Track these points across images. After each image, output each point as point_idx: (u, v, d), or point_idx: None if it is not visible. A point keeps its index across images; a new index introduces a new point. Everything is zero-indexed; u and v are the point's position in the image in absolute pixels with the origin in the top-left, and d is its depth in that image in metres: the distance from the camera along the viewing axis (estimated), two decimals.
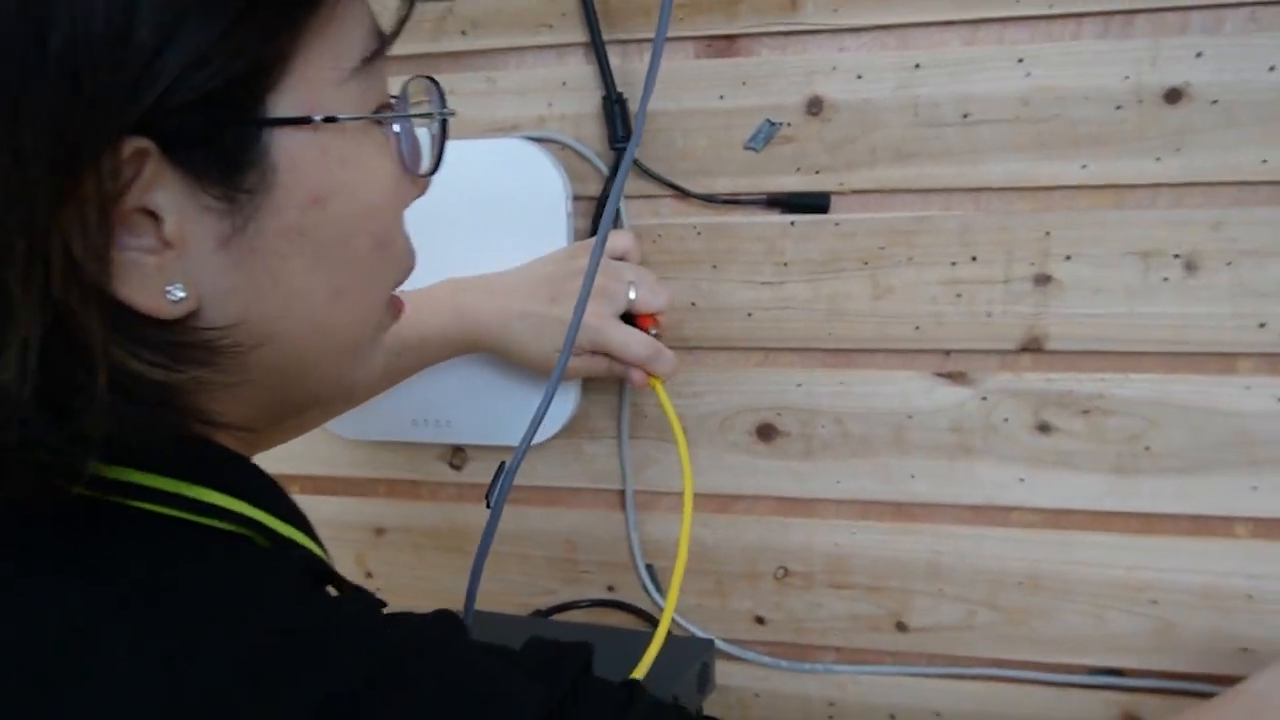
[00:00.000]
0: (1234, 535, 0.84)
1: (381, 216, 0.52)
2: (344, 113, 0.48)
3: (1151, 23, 0.80)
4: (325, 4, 0.48)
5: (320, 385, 0.54)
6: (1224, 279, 0.81)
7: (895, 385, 0.88)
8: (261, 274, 0.48)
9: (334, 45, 0.48)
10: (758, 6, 0.86)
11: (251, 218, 0.47)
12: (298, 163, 0.47)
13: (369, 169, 0.51)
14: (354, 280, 0.51)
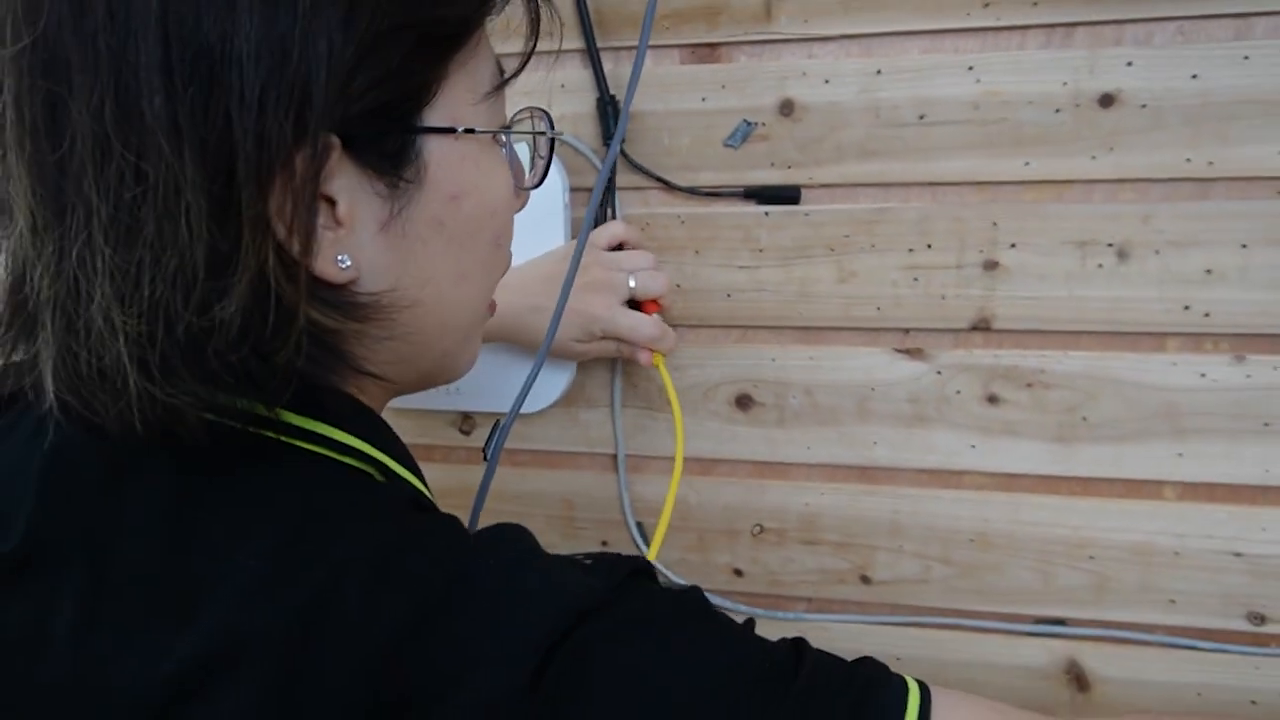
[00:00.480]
0: (1163, 498, 0.93)
1: (501, 217, 0.64)
2: (479, 127, 0.60)
3: (1089, 35, 0.88)
4: (467, 45, 0.59)
5: (441, 356, 0.65)
6: (1153, 266, 0.90)
7: (859, 360, 0.97)
8: (407, 253, 0.59)
9: (472, 75, 0.60)
10: (736, 17, 0.95)
11: (405, 206, 0.58)
12: (443, 164, 0.59)
13: (494, 176, 0.63)
14: (474, 268, 0.63)
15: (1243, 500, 0.91)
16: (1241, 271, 0.88)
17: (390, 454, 0.61)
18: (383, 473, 0.61)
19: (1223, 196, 0.88)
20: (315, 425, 0.58)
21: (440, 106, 0.58)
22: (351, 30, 0.52)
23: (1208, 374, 0.90)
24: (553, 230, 0.99)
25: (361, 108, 0.54)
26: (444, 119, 0.59)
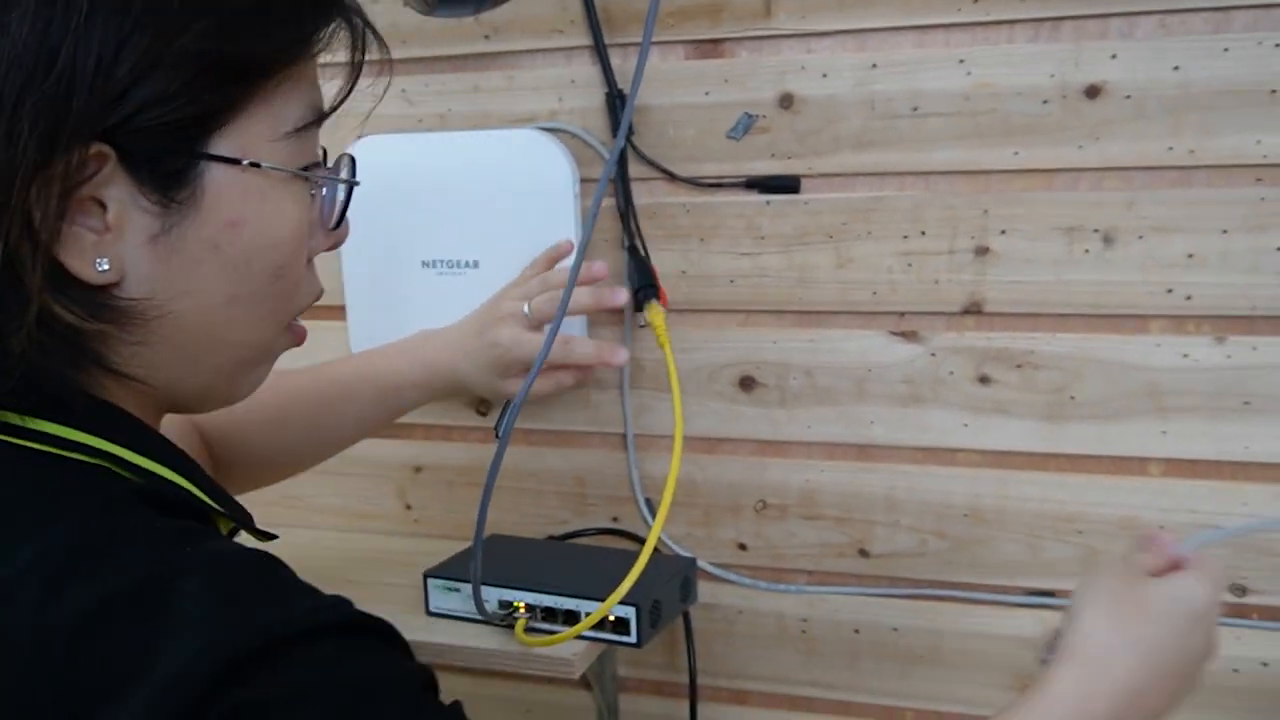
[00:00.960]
0: (1147, 474, 0.97)
1: (282, 250, 0.64)
2: (269, 163, 0.62)
3: (1075, 29, 0.92)
4: (266, 85, 0.61)
5: (215, 372, 0.66)
6: (1136, 251, 0.93)
7: (856, 343, 1.02)
8: (177, 269, 0.60)
9: (275, 111, 0.62)
10: (737, 14, 0.99)
11: (177, 225, 0.59)
12: (223, 192, 0.60)
13: (281, 211, 0.64)
14: (247, 293, 0.63)
15: (1224, 476, 0.95)
16: (1222, 256, 0.91)
17: (140, 450, 0.61)
18: (126, 468, 0.60)
19: (1204, 184, 0.91)
20: (39, 424, 0.59)
21: (231, 136, 0.60)
22: (128, 49, 0.55)
23: (1190, 354, 0.94)
24: (564, 219, 1.04)
25: (140, 124, 0.56)
26: (232, 149, 0.60)
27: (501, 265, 1.05)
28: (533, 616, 0.91)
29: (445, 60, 1.09)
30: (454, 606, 0.95)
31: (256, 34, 0.60)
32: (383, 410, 1.03)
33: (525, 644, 0.89)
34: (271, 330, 0.68)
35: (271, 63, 0.61)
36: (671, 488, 0.93)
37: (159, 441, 0.64)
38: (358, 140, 1.10)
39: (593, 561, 0.98)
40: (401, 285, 1.09)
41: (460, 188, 1.06)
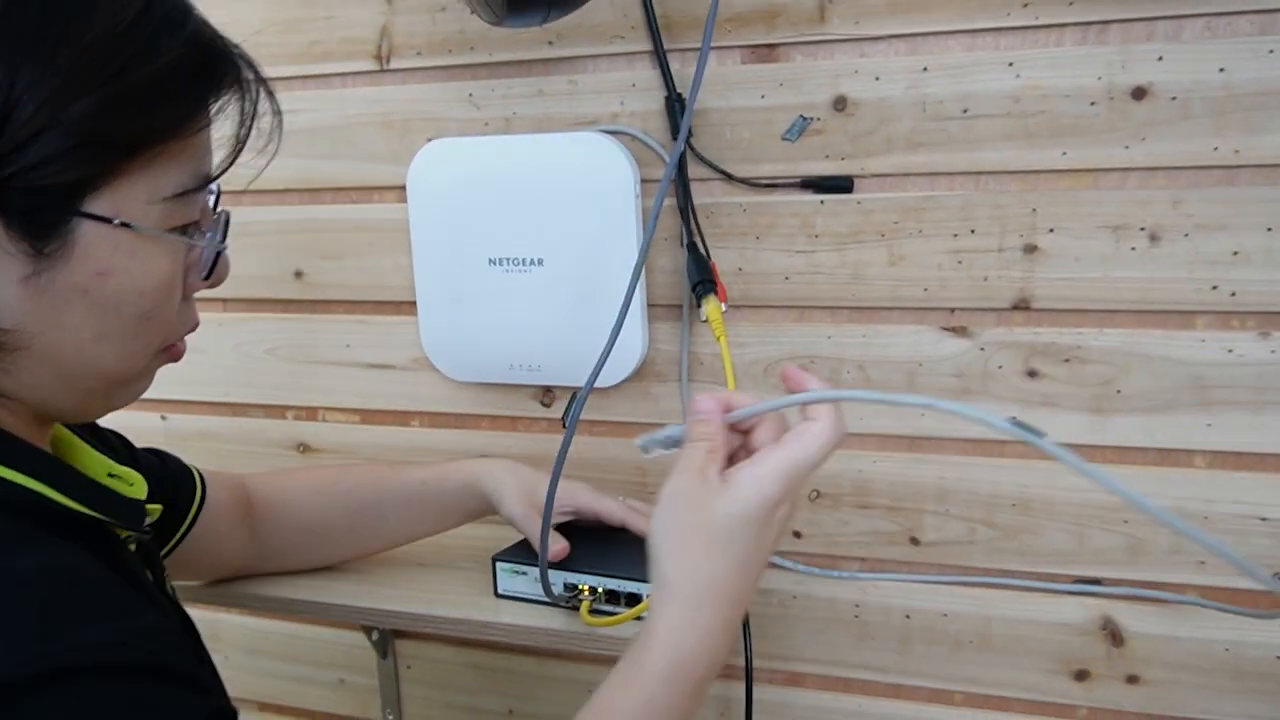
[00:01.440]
0: (1193, 465, 0.99)
1: (151, 298, 0.67)
2: (141, 225, 0.65)
3: (1122, 31, 0.95)
4: (144, 155, 0.64)
5: (88, 394, 0.70)
6: (1182, 248, 0.96)
7: (908, 338, 1.05)
8: (46, 308, 0.64)
9: (155, 178, 0.65)
10: (792, 20, 1.03)
11: (47, 270, 0.63)
12: (94, 246, 0.63)
13: (151, 264, 0.66)
14: (116, 332, 0.67)
15: (1268, 468, 0.97)
16: (1267, 253, 0.94)
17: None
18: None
19: (1248, 182, 0.94)
20: None
21: (107, 197, 0.63)
22: (17, 114, 0.59)
23: (1234, 349, 0.96)
24: (625, 218, 1.08)
25: (17, 183, 0.60)
26: (107, 209, 0.63)
27: (565, 262, 1.10)
28: (596, 599, 0.95)
29: (510, 65, 1.13)
30: (521, 589, 1.00)
31: (146, 110, 0.64)
32: (430, 527, 1.07)
33: (590, 625, 0.93)
34: (143, 358, 0.71)
35: (158, 138, 0.65)
36: None
37: (21, 450, 0.67)
38: (426, 143, 1.15)
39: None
40: (469, 282, 1.14)
41: (525, 188, 1.11)
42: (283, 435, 1.31)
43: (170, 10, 0.65)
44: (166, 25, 0.64)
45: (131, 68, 0.62)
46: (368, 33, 1.18)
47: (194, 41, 0.66)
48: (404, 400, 1.25)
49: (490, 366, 1.17)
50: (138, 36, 0.63)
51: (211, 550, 1.00)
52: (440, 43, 1.15)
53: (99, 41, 0.61)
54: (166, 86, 0.64)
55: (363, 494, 1.05)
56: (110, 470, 0.80)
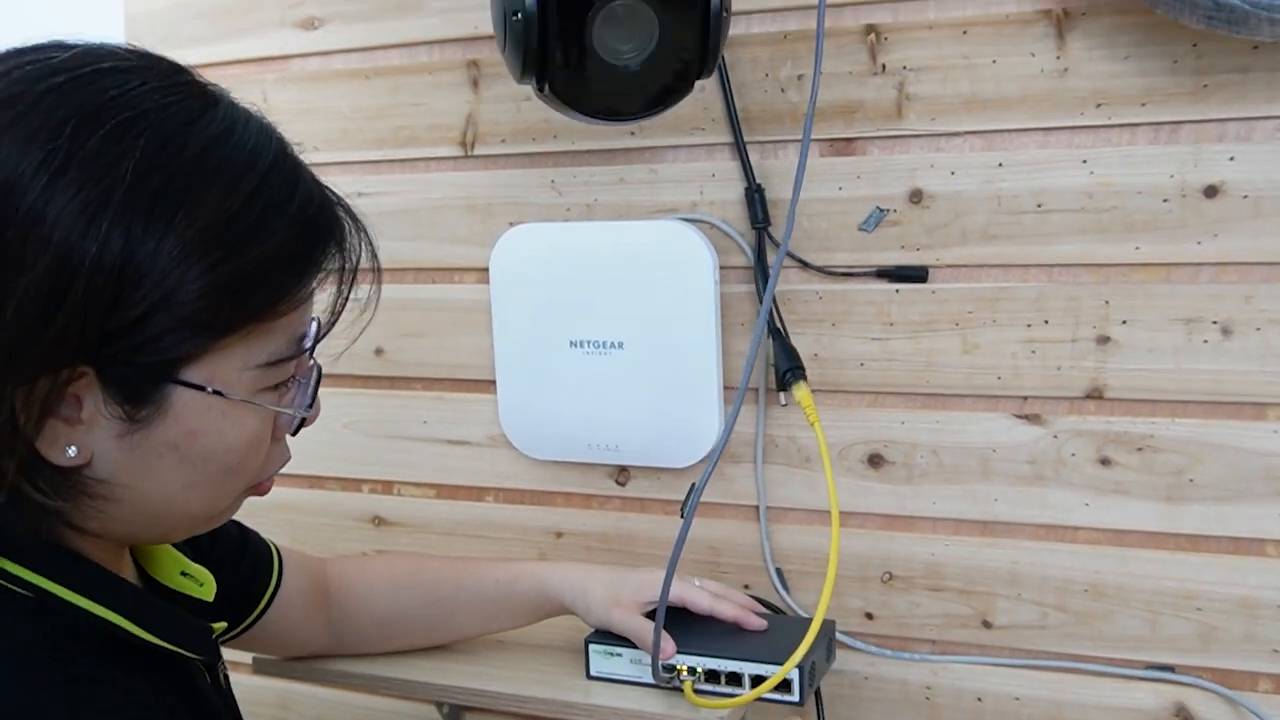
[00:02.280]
0: (1266, 554, 1.01)
1: (239, 454, 0.69)
2: (234, 393, 0.66)
3: (1194, 132, 0.98)
4: (239, 333, 0.65)
5: (173, 530, 0.74)
6: (1254, 342, 0.98)
7: (981, 424, 1.07)
8: (139, 460, 0.65)
9: (249, 349, 0.66)
10: (870, 115, 1.06)
11: (141, 429, 0.64)
12: (187, 409, 0.65)
13: (241, 425, 0.68)
14: (204, 483, 0.69)
15: None
16: None
17: (79, 590, 0.67)
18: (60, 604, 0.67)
19: None
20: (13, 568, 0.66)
21: (202, 367, 0.64)
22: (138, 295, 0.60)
23: None
24: (705, 304, 1.11)
25: (125, 357, 0.62)
26: (201, 377, 0.65)
27: (646, 346, 1.13)
28: (696, 679, 0.97)
29: (592, 154, 1.17)
30: (615, 670, 1.02)
31: (251, 291, 0.65)
32: (502, 625, 1.09)
33: (697, 704, 0.95)
34: (229, 499, 0.73)
35: (260, 317, 0.66)
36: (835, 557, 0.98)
37: (104, 582, 0.70)
38: (510, 227, 1.18)
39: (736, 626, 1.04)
40: (550, 362, 1.17)
41: (607, 273, 1.14)
42: (358, 508, 1.34)
43: (280, 185, 0.66)
44: (276, 204, 0.66)
45: (241, 250, 0.64)
46: (454, 120, 1.22)
47: (301, 219, 0.67)
48: (479, 476, 1.28)
49: (568, 445, 1.20)
50: (249, 218, 0.64)
51: (286, 633, 1.02)
52: (524, 130, 1.19)
53: (214, 223, 0.63)
54: (273, 268, 0.66)
55: (438, 589, 1.07)
56: (183, 568, 0.83)
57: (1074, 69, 1.00)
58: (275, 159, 0.67)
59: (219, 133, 0.65)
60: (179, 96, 0.65)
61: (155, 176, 0.61)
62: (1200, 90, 0.97)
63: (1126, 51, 0.98)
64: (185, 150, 0.63)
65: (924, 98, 1.05)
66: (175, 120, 0.63)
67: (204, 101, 0.66)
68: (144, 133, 0.61)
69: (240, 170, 0.64)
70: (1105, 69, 0.99)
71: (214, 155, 0.64)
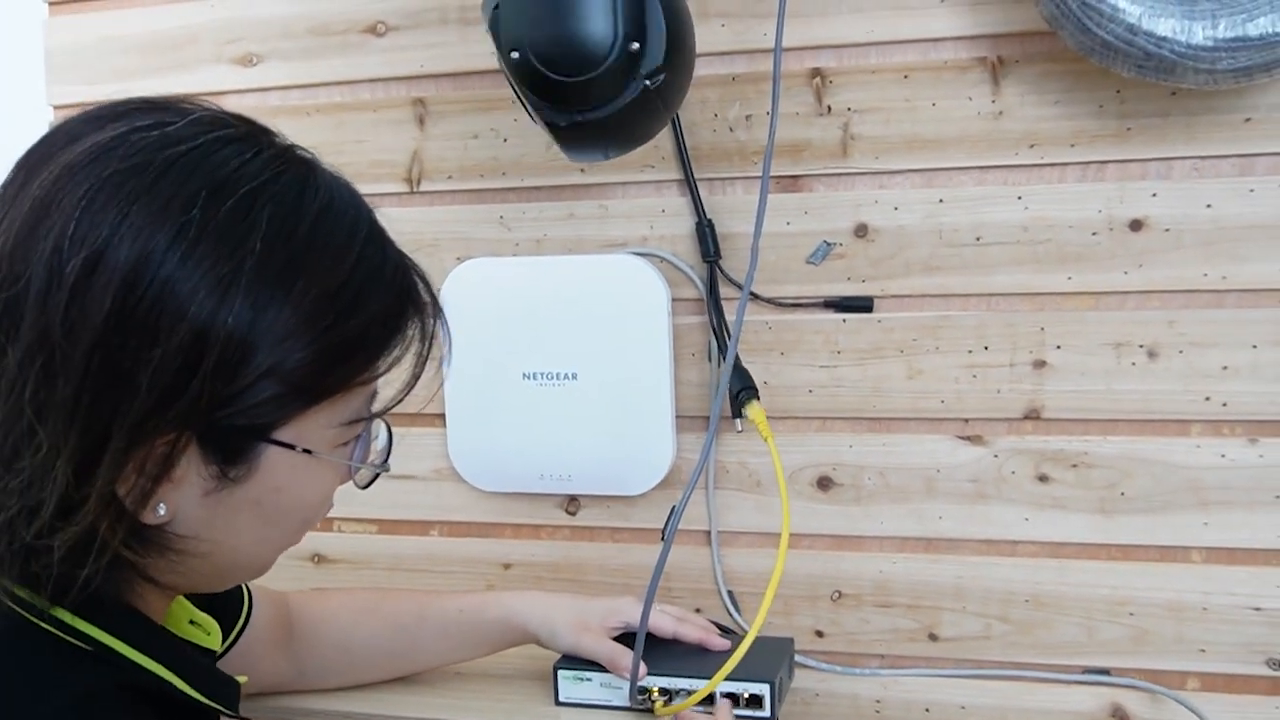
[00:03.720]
0: (1191, 561, 1.09)
1: (315, 508, 0.71)
2: (320, 450, 0.68)
3: (1119, 170, 1.06)
4: (331, 399, 0.67)
5: (232, 579, 0.76)
6: (1178, 364, 1.06)
7: (926, 446, 1.13)
8: (220, 516, 0.66)
9: (337, 409, 0.68)
10: (817, 154, 1.12)
11: (229, 486, 0.65)
12: (276, 467, 0.66)
13: (320, 480, 0.70)
14: (276, 536, 0.72)
15: (1259, 562, 1.07)
16: (1253, 367, 1.05)
17: (138, 647, 0.68)
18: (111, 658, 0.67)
19: (1235, 305, 1.05)
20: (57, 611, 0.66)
21: (294, 428, 0.66)
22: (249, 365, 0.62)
23: (1226, 454, 1.06)
24: (657, 337, 1.14)
25: (224, 419, 0.63)
26: (292, 437, 0.66)
27: (600, 377, 1.16)
28: (667, 700, 0.99)
29: (541, 190, 1.20)
30: (584, 695, 1.03)
31: (349, 359, 0.67)
32: (465, 655, 1.09)
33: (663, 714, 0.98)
34: (283, 551, 0.75)
35: (353, 382, 0.68)
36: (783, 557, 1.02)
37: (161, 640, 0.71)
38: (458, 264, 1.20)
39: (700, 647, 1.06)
40: (502, 395, 1.19)
41: (559, 306, 1.17)
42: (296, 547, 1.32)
43: (375, 253, 0.68)
44: (373, 272, 0.67)
45: (346, 319, 0.65)
46: (399, 156, 1.23)
47: (393, 285, 0.69)
48: (424, 510, 1.28)
49: (519, 476, 1.21)
50: (353, 288, 0.66)
51: (248, 667, 1.01)
52: (472, 167, 1.21)
53: (325, 294, 0.64)
54: (370, 334, 0.68)
55: (400, 619, 1.07)
56: (192, 616, 0.83)
57: (1008, 112, 1.07)
58: (370, 227, 0.69)
59: (325, 203, 0.66)
60: (287, 162, 0.66)
61: (279, 249, 0.62)
62: (1124, 132, 1.05)
63: (1056, 96, 1.06)
64: (301, 223, 0.64)
65: (868, 137, 1.11)
66: (290, 192, 0.64)
67: (307, 169, 0.67)
68: (266, 205, 0.63)
69: (344, 241, 0.66)
70: (1037, 112, 1.07)
71: (323, 227, 0.65)
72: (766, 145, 0.99)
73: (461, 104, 1.21)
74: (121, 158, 0.61)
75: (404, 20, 1.22)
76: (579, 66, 0.89)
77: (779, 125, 1.11)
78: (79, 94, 1.31)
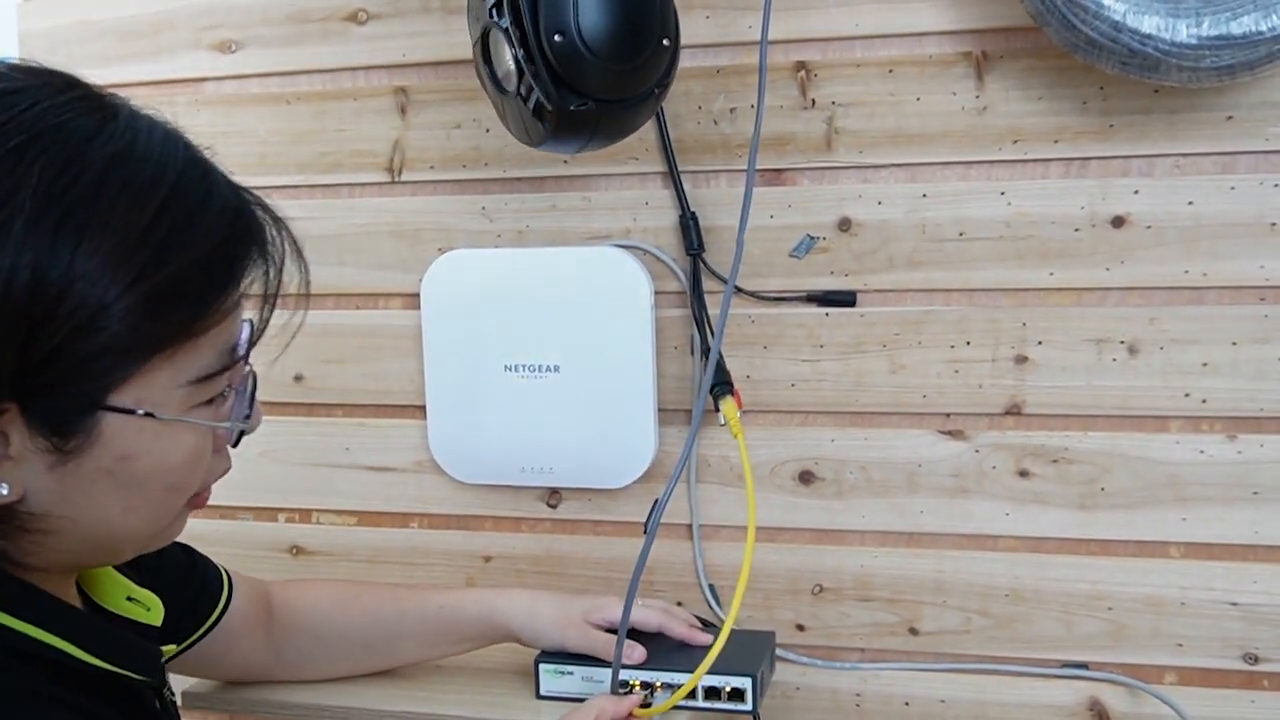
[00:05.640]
0: (1169, 556, 1.09)
1: (178, 473, 0.66)
2: (165, 412, 0.63)
3: (1101, 167, 1.06)
4: (166, 355, 0.62)
5: (119, 552, 0.71)
6: (1158, 360, 1.07)
7: (907, 440, 1.13)
8: (73, 490, 0.63)
9: (172, 369, 0.63)
10: (801, 148, 1.12)
11: (73, 458, 0.62)
12: (118, 434, 0.62)
13: (177, 444, 0.65)
14: (143, 504, 0.66)
15: (1236, 557, 1.08)
16: (1232, 364, 1.05)
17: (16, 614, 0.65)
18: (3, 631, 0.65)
19: (1215, 302, 1.05)
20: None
21: (130, 390, 0.62)
22: (60, 318, 0.58)
23: (1205, 450, 1.07)
24: (640, 329, 1.14)
25: (42, 385, 0.59)
26: (130, 400, 0.62)
27: (582, 369, 1.15)
28: (649, 693, 0.99)
29: (524, 181, 1.19)
30: (566, 689, 1.02)
31: (175, 306, 0.62)
32: (444, 651, 1.08)
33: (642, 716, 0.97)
34: (171, 515, 0.70)
35: (186, 332, 0.63)
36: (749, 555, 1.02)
37: (47, 607, 0.67)
38: (440, 254, 1.19)
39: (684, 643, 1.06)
40: (484, 387, 1.18)
41: (542, 298, 1.16)
42: (274, 538, 1.32)
43: (192, 194, 0.64)
44: (189, 214, 0.63)
45: (157, 266, 0.61)
46: (380, 146, 1.22)
47: (218, 226, 0.65)
48: (404, 502, 1.27)
49: (501, 468, 1.21)
50: (161, 233, 0.61)
51: (227, 652, 1.01)
52: (454, 158, 1.21)
53: (124, 242, 0.60)
54: (193, 281, 0.63)
55: (379, 612, 1.06)
56: (129, 593, 0.81)
57: (992, 107, 1.07)
58: (184, 167, 0.64)
59: (120, 148, 0.61)
60: (74, 113, 0.61)
61: (55, 202, 0.58)
62: (1107, 129, 1.05)
63: (1040, 92, 1.06)
64: (85, 171, 0.60)
65: (852, 131, 1.11)
66: (72, 140, 0.60)
67: (101, 116, 0.62)
68: (38, 158, 0.59)
69: (147, 184, 0.61)
70: (1021, 108, 1.07)
71: (117, 171, 0.61)
72: (751, 138, 0.98)
73: (444, 93, 1.20)
74: None
75: (386, 8, 1.21)
76: (628, 53, 0.91)
77: (764, 118, 1.11)
78: None
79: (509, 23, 0.90)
